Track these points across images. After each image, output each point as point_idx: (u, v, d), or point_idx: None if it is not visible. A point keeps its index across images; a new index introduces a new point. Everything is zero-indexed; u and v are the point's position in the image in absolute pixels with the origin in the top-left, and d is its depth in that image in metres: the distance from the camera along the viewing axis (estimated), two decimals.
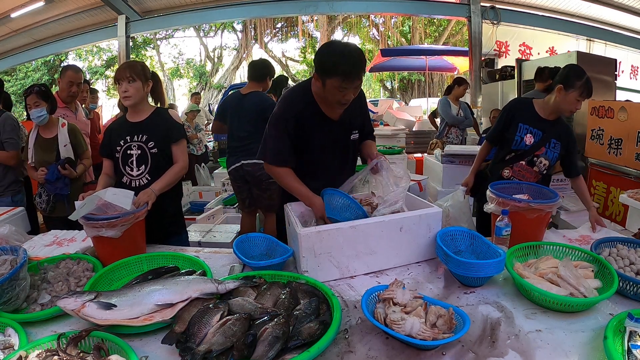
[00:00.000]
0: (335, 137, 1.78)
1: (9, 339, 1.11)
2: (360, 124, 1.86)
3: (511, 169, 2.21)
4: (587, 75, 2.02)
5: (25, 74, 15.86)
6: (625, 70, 8.16)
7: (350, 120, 1.80)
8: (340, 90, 1.55)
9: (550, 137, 2.13)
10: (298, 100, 1.73)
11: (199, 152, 6.57)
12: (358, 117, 1.84)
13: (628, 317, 1.05)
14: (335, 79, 1.52)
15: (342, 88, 1.54)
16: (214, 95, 18.34)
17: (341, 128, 1.78)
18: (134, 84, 1.89)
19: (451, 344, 1.06)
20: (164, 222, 1.99)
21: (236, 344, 1.01)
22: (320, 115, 1.73)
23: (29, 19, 7.33)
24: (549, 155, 2.15)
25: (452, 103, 4.94)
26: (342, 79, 1.52)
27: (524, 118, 2.16)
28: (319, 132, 1.73)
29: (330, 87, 1.56)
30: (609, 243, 1.56)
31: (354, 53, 1.53)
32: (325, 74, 1.55)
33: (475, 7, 7.13)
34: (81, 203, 1.61)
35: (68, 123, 2.75)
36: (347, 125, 1.79)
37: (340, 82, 1.52)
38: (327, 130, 1.74)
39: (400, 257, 1.56)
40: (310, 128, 1.72)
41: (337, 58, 1.52)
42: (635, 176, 3.17)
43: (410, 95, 18.86)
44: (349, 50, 1.53)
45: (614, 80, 4.78)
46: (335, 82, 1.53)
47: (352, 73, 1.52)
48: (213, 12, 7.65)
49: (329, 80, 1.54)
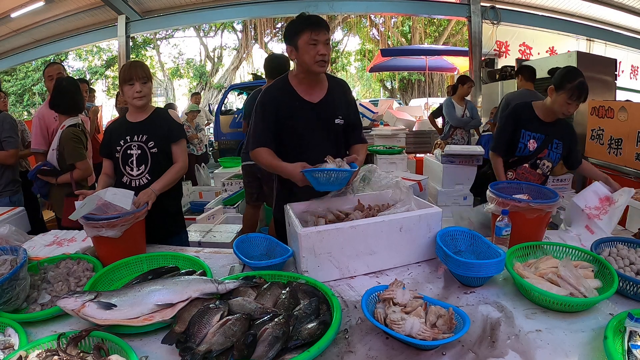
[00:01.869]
0: (318, 118, 1.83)
1: (9, 339, 1.11)
2: (344, 112, 1.89)
3: (514, 172, 2.21)
4: (581, 79, 1.98)
5: (25, 74, 15.87)
6: (625, 70, 8.16)
7: (333, 104, 1.86)
8: (313, 44, 1.68)
9: (552, 139, 2.14)
10: (275, 88, 1.86)
11: (199, 152, 6.57)
12: (342, 105, 1.90)
13: (628, 317, 1.05)
14: (305, 34, 1.67)
15: (313, 41, 1.68)
16: (214, 95, 18.33)
17: (323, 110, 1.84)
18: (148, 84, 1.90)
19: (451, 344, 1.06)
20: (164, 222, 1.99)
21: (236, 344, 1.01)
22: (299, 100, 1.82)
23: (29, 19, 7.33)
24: (552, 157, 2.16)
25: (457, 104, 4.84)
26: (310, 31, 1.67)
27: (526, 124, 2.16)
28: (300, 115, 1.81)
29: (302, 45, 1.69)
30: (609, 243, 1.56)
31: (314, 14, 1.75)
32: (294, 35, 1.71)
33: (475, 7, 7.13)
34: (81, 203, 1.61)
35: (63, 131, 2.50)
36: (329, 108, 1.85)
37: (310, 34, 1.67)
38: (307, 113, 1.82)
39: (400, 257, 1.56)
40: (291, 112, 1.80)
41: (301, 19, 1.72)
42: (635, 176, 3.17)
43: (410, 95, 18.85)
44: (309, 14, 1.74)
45: (614, 80, 4.78)
46: (305, 37, 1.68)
47: (318, 23, 1.68)
48: (213, 12, 7.66)
49: (300, 39, 1.69)
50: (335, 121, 1.86)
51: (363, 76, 21.16)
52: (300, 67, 1.78)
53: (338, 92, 1.89)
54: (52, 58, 9.56)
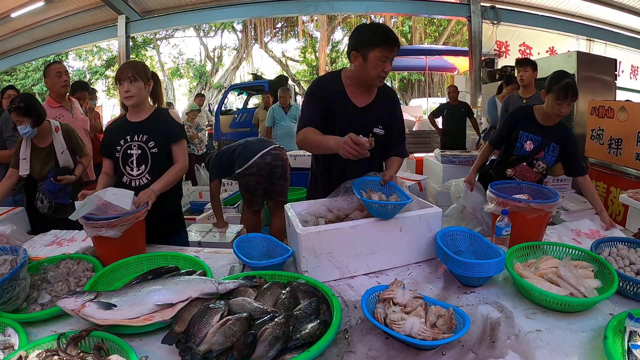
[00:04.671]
0: (360, 123, 1.80)
1: (9, 339, 1.11)
2: (387, 121, 1.89)
3: (514, 169, 2.36)
4: (567, 80, 2.13)
5: (25, 74, 15.88)
6: (625, 70, 8.17)
7: (377, 112, 1.86)
8: (382, 61, 1.68)
9: (550, 142, 2.24)
10: (328, 80, 1.88)
11: (199, 152, 6.57)
12: (386, 115, 1.89)
13: (628, 317, 1.05)
14: (378, 49, 1.67)
15: (384, 58, 1.68)
16: (214, 95, 18.34)
17: (366, 116, 1.84)
18: (136, 83, 1.88)
19: (451, 344, 1.06)
20: (164, 222, 1.99)
21: (236, 344, 1.01)
22: (346, 99, 1.82)
23: (29, 19, 7.34)
24: (547, 159, 2.27)
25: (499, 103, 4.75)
26: (384, 48, 1.67)
27: (525, 126, 2.30)
28: (344, 115, 1.81)
29: (372, 59, 1.68)
30: (609, 243, 1.56)
31: (389, 28, 1.76)
32: (368, 46, 1.68)
33: (475, 7, 7.13)
34: (81, 203, 1.61)
35: (62, 125, 2.65)
36: (372, 114, 1.85)
37: (384, 51, 1.67)
38: (351, 115, 1.81)
39: (400, 257, 1.56)
40: (336, 109, 1.80)
41: (378, 31, 1.70)
42: (635, 176, 3.17)
43: (410, 95, 18.86)
44: (385, 26, 1.75)
45: (614, 80, 4.77)
46: (377, 53, 1.67)
47: (392, 42, 1.69)
48: (213, 12, 7.66)
49: (372, 53, 1.67)
50: (374, 130, 1.84)
51: None
52: (359, 74, 1.76)
53: (384, 102, 1.88)
54: (52, 58, 9.56)
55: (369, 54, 1.68)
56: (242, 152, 3.24)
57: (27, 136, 2.49)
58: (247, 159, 3.20)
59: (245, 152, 3.23)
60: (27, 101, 2.45)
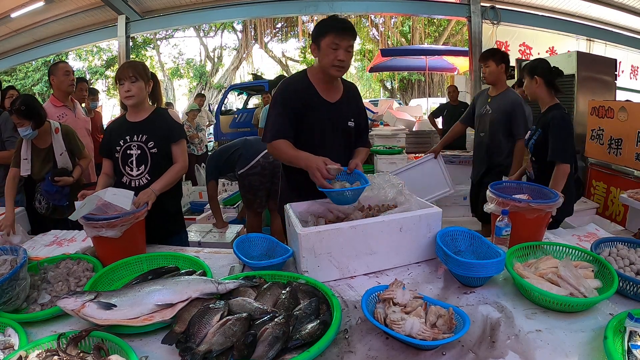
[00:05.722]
0: (334, 119, 1.85)
1: (9, 339, 1.11)
2: (356, 113, 1.93)
3: None
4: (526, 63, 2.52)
5: (25, 74, 15.88)
6: (625, 70, 8.15)
7: (348, 106, 1.90)
8: (334, 48, 1.69)
9: (538, 128, 2.35)
10: (296, 81, 1.87)
11: (199, 152, 6.57)
12: (354, 108, 1.94)
13: (628, 317, 1.05)
14: (329, 37, 1.69)
15: (334, 45, 1.69)
16: (214, 95, 18.34)
17: (339, 111, 1.87)
18: (137, 83, 1.89)
19: (451, 344, 1.06)
20: (164, 222, 1.99)
21: (236, 344, 1.01)
22: (319, 97, 1.83)
23: (29, 19, 7.32)
24: (527, 143, 2.43)
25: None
26: (334, 35, 1.68)
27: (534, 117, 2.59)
28: (317, 113, 1.81)
29: (324, 47, 1.71)
30: (609, 243, 1.55)
31: (344, 19, 1.78)
32: (319, 35, 1.72)
33: (475, 7, 7.12)
34: (81, 203, 1.61)
35: (62, 125, 2.65)
36: (344, 109, 1.88)
37: (333, 38, 1.68)
38: (325, 112, 1.83)
39: (400, 257, 1.56)
40: (309, 108, 1.80)
41: (329, 20, 1.74)
42: (635, 176, 3.17)
43: (410, 95, 18.86)
44: (341, 18, 1.78)
45: (614, 81, 4.77)
46: (328, 40, 1.69)
47: (343, 29, 1.69)
48: (213, 12, 7.64)
49: (323, 40, 1.70)
50: (348, 123, 1.88)
51: (363, 76, 21.16)
52: (320, 67, 1.79)
53: (351, 96, 1.93)
54: (52, 58, 9.56)
55: (321, 42, 1.71)
56: (244, 152, 3.21)
57: (27, 138, 2.49)
58: (249, 159, 3.16)
59: (246, 152, 3.20)
60: (28, 103, 2.44)
